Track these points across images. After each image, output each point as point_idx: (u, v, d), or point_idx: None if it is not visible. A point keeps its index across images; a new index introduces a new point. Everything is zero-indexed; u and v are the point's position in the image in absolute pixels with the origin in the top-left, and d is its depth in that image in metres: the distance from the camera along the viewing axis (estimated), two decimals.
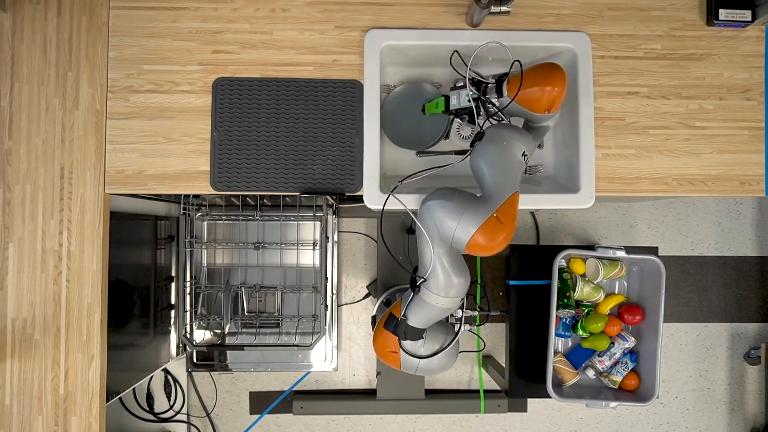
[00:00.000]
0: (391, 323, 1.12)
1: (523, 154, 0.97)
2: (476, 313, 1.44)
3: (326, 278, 1.67)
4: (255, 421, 1.92)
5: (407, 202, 1.08)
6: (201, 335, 1.52)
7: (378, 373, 1.83)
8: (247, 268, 1.34)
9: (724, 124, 1.14)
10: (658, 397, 1.54)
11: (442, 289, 1.03)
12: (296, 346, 1.18)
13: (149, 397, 1.69)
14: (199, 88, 1.10)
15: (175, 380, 1.77)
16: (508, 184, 0.94)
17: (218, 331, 1.44)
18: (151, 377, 1.69)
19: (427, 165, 1.23)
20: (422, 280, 1.04)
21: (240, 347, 1.16)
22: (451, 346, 1.16)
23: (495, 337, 1.97)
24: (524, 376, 1.51)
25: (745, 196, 1.93)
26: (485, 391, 1.93)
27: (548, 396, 1.40)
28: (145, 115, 1.09)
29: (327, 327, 1.71)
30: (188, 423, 1.83)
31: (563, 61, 1.16)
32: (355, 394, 1.92)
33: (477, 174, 0.98)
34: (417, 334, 1.11)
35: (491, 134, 0.99)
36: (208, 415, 1.90)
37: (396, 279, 1.81)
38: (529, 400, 1.97)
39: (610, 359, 1.48)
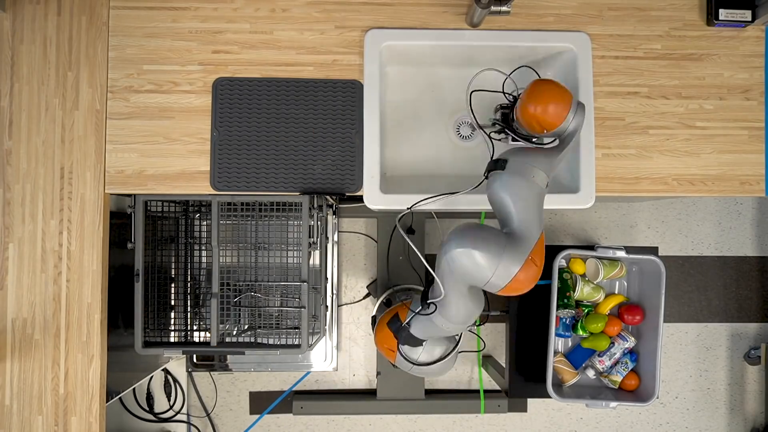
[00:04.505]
0: (394, 324, 1.12)
1: (547, 185, 0.89)
2: None
3: (326, 278, 1.67)
4: (255, 421, 1.92)
5: (406, 201, 1.08)
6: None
7: (378, 373, 1.83)
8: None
9: (724, 124, 1.14)
10: (658, 397, 1.54)
11: (452, 317, 0.98)
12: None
13: (149, 397, 1.69)
14: (199, 88, 1.10)
15: (175, 380, 1.77)
16: (539, 222, 0.87)
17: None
18: (151, 377, 1.69)
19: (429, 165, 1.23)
20: (433, 306, 0.98)
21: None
22: (448, 358, 1.16)
23: (495, 337, 1.97)
24: (524, 376, 1.51)
25: (745, 196, 1.93)
26: (485, 391, 1.93)
27: (548, 396, 1.40)
28: (145, 115, 1.09)
29: (327, 327, 1.71)
30: (188, 423, 1.83)
31: (563, 62, 1.16)
32: (355, 394, 1.92)
33: (499, 207, 0.89)
34: (416, 342, 1.11)
35: (516, 164, 0.88)
36: (208, 415, 1.90)
37: (396, 279, 1.81)
38: (529, 400, 1.97)
39: (610, 359, 1.48)
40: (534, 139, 0.98)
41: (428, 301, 0.99)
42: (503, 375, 1.66)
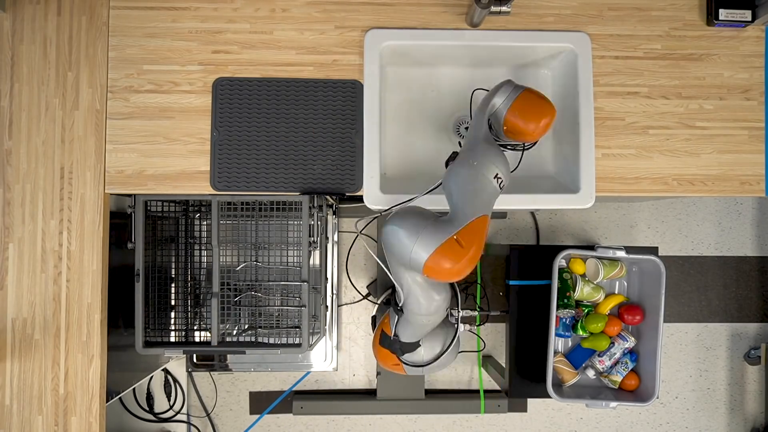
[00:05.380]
0: (385, 341, 1.12)
1: (496, 176, 0.89)
2: (476, 313, 1.44)
3: (326, 278, 1.67)
4: (255, 421, 1.92)
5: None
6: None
7: (378, 373, 1.83)
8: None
9: (724, 124, 1.14)
10: (658, 397, 1.54)
11: (424, 309, 0.99)
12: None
13: (149, 397, 1.69)
14: (199, 88, 1.10)
15: (175, 380, 1.77)
16: (476, 206, 0.86)
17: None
18: (151, 377, 1.69)
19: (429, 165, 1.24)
20: (400, 306, 1.01)
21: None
22: (452, 346, 1.16)
23: (495, 337, 1.97)
24: (524, 376, 1.51)
25: (745, 196, 1.93)
26: (485, 391, 1.93)
27: (548, 396, 1.40)
28: (145, 115, 1.09)
29: (327, 327, 1.71)
30: (188, 423, 1.83)
31: (563, 62, 1.16)
32: (355, 394, 1.92)
33: (447, 195, 0.91)
34: (412, 347, 1.11)
35: (464, 154, 0.91)
36: (208, 415, 1.90)
37: None
38: (529, 400, 1.97)
39: (610, 359, 1.48)
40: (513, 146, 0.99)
41: (399, 307, 1.02)
42: (503, 375, 1.66)
